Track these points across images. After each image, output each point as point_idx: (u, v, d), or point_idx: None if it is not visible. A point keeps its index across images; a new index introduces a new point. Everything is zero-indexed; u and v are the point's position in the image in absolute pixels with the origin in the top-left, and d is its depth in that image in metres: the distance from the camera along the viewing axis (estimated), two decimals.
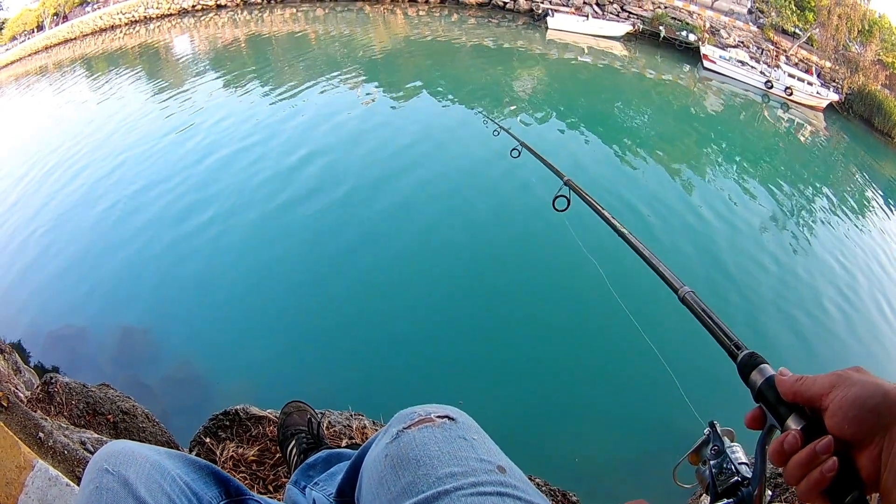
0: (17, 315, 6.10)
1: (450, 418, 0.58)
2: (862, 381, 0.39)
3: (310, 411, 1.29)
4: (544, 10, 20.56)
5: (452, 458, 0.52)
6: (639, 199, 7.78)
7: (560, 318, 4.99)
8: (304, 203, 7.28)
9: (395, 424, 0.59)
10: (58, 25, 32.14)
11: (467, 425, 0.58)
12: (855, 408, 0.38)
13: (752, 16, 22.10)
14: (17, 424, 1.25)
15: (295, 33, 20.99)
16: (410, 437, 0.55)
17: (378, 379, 4.49)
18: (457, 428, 0.57)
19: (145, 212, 7.64)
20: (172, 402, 4.43)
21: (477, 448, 0.54)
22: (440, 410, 0.60)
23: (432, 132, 9.38)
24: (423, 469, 0.51)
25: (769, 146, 13.74)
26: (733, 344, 0.53)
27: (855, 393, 0.39)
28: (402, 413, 0.61)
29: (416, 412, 0.59)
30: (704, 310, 0.60)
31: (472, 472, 0.50)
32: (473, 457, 0.53)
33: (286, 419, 1.25)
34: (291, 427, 1.22)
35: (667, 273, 0.70)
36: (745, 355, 0.50)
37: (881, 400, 0.37)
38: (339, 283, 5.68)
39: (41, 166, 10.62)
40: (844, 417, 0.38)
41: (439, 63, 16.11)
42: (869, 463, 0.37)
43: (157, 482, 0.61)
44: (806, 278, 6.70)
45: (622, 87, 16.50)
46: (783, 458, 0.41)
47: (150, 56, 22.46)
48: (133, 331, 5.42)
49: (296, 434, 1.19)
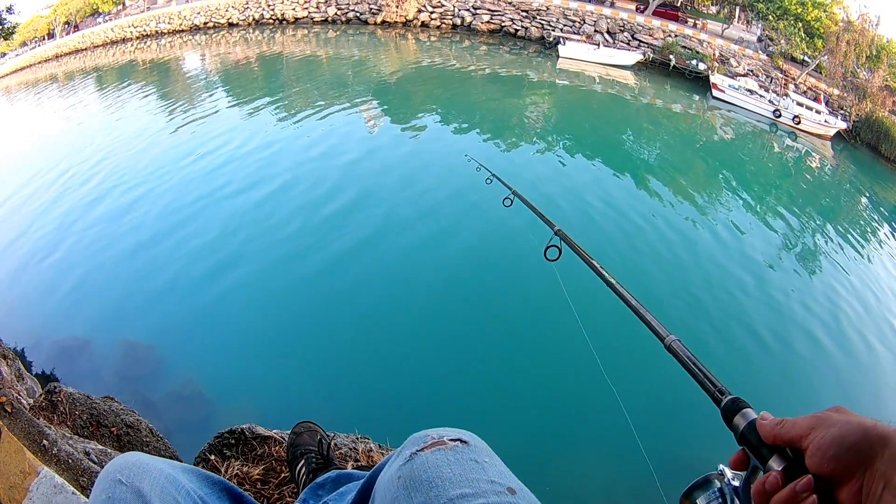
0: (23, 322, 6.17)
1: (462, 441, 0.59)
2: (841, 421, 0.40)
3: (320, 432, 1.28)
4: (555, 38, 20.58)
5: (464, 480, 0.53)
6: (642, 231, 7.96)
7: (549, 357, 5.15)
8: (314, 227, 7.41)
9: (408, 447, 0.59)
10: (69, 34, 32.16)
11: (479, 448, 0.59)
12: (834, 446, 0.39)
13: (761, 44, 22.10)
14: (20, 430, 1.27)
15: (306, 55, 21.08)
16: (423, 460, 0.56)
17: (384, 403, 4.58)
18: (469, 451, 0.57)
19: (155, 230, 7.74)
20: (175, 418, 4.45)
21: (488, 470, 0.55)
22: (453, 434, 0.60)
23: (429, 171, 9.53)
24: (434, 490, 0.52)
25: (776, 178, 13.76)
26: (717, 389, 0.55)
27: (833, 433, 0.40)
28: (416, 436, 0.61)
29: (430, 435, 0.60)
30: (689, 357, 0.62)
31: (483, 494, 0.51)
32: (484, 479, 0.53)
33: (296, 439, 1.25)
34: (301, 447, 1.21)
35: (653, 322, 0.72)
36: (729, 400, 0.52)
37: (860, 437, 0.38)
38: (346, 309, 5.79)
39: (55, 176, 10.72)
40: (824, 456, 0.39)
41: (449, 91, 16.22)
42: (849, 498, 0.38)
43: (172, 495, 0.62)
44: (803, 313, 6.77)
45: (631, 117, 16.51)
46: (765, 498, 0.42)
47: (161, 71, 22.51)
48: (138, 346, 5.46)
49: (305, 454, 1.18)
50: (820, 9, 22.76)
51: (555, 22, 21.03)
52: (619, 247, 7.41)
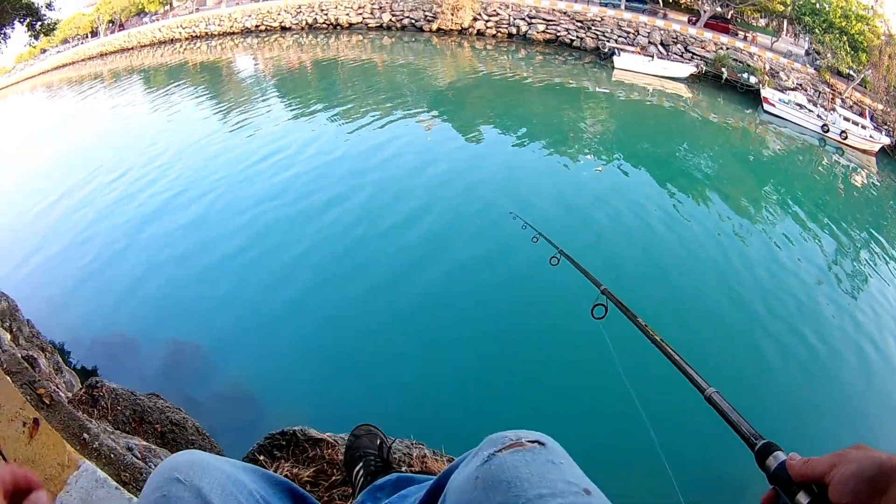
0: (64, 317, 6.15)
1: (539, 443, 0.59)
2: (860, 457, 0.44)
3: (380, 436, 1.28)
4: (610, 48, 20.84)
5: (541, 481, 0.53)
6: (693, 251, 7.93)
7: (591, 402, 4.97)
8: (372, 238, 7.34)
9: (486, 448, 0.60)
10: (113, 33, 32.50)
11: (555, 450, 0.60)
12: (854, 480, 0.42)
13: (808, 57, 22.32)
14: (59, 423, 1.26)
15: (362, 60, 21.32)
16: (502, 461, 0.57)
17: (439, 410, 4.56)
18: (546, 452, 0.58)
19: (210, 233, 7.75)
20: (221, 418, 4.41)
21: (564, 472, 0.56)
22: (530, 436, 0.61)
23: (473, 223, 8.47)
24: (513, 491, 0.53)
25: (824, 195, 13.80)
26: (752, 435, 0.59)
27: (853, 468, 0.43)
28: (493, 437, 0.62)
29: (508, 436, 0.61)
30: (727, 408, 0.66)
31: (560, 494, 0.52)
32: (561, 479, 0.54)
33: (356, 441, 1.25)
34: (360, 449, 1.21)
35: (694, 375, 0.77)
36: (762, 445, 0.56)
37: (877, 471, 0.42)
38: (399, 321, 5.72)
39: (106, 173, 10.85)
40: (844, 489, 0.43)
41: (505, 102, 16.28)
42: None
43: (234, 494, 0.61)
44: (844, 343, 6.54)
45: (687, 130, 16.71)
46: None
47: (213, 73, 22.71)
48: (184, 345, 5.44)
49: (364, 456, 1.18)
50: (863, 22, 22.92)
51: (609, 33, 21.30)
52: (666, 281, 7.17)
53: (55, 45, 35.19)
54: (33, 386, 1.38)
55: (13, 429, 1.21)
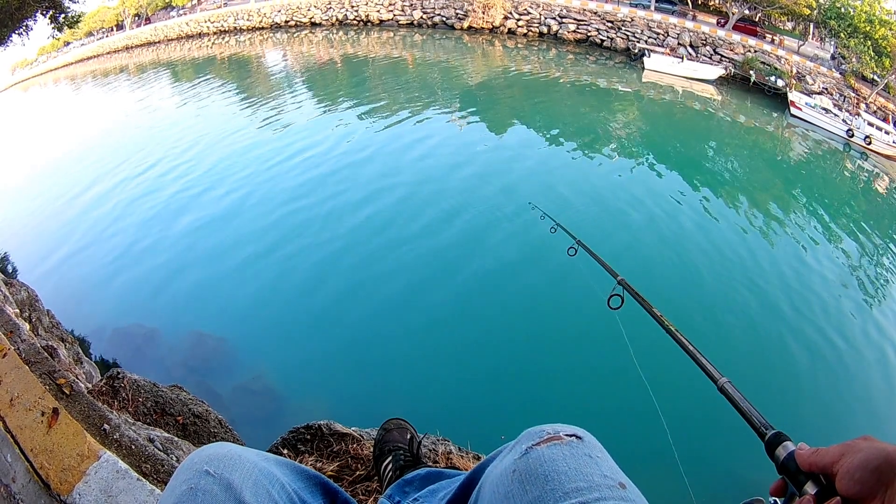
0: (85, 308, 6.14)
1: (577, 437, 0.60)
2: (866, 447, 0.45)
3: (411, 430, 1.26)
4: (640, 49, 21.05)
5: (578, 474, 0.54)
6: (716, 252, 7.93)
7: (605, 391, 5.03)
8: (395, 231, 7.34)
9: (524, 441, 0.60)
10: (139, 27, 32.72)
11: (592, 444, 0.60)
12: (860, 470, 0.44)
13: (834, 61, 22.51)
14: (79, 413, 1.24)
15: (393, 57, 21.47)
16: (539, 454, 0.57)
17: (462, 405, 4.55)
18: (583, 446, 0.58)
19: (232, 226, 7.75)
20: (243, 411, 4.40)
21: (601, 465, 0.56)
22: (568, 429, 0.61)
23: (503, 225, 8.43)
24: (550, 484, 0.53)
25: (848, 200, 13.86)
26: (762, 425, 0.59)
27: (860, 458, 0.45)
28: (531, 431, 0.62)
29: (545, 430, 0.61)
30: (739, 397, 0.67)
31: (597, 488, 0.52)
32: (598, 473, 0.54)
33: (385, 435, 1.24)
34: (390, 443, 1.20)
35: (707, 365, 0.77)
36: (772, 435, 0.56)
37: (883, 461, 0.43)
38: (424, 321, 5.71)
39: (133, 166, 10.78)
40: (850, 479, 0.45)
41: (536, 101, 16.35)
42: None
43: (265, 487, 0.61)
44: (862, 343, 6.58)
45: (715, 132, 16.87)
46: None
47: (241, 68, 22.79)
48: (207, 338, 5.47)
49: (394, 450, 1.17)
50: (886, 27, 23.09)
51: (639, 34, 21.49)
52: (687, 276, 7.21)
53: (79, 37, 35.44)
54: (53, 376, 1.35)
55: (31, 418, 1.18)
